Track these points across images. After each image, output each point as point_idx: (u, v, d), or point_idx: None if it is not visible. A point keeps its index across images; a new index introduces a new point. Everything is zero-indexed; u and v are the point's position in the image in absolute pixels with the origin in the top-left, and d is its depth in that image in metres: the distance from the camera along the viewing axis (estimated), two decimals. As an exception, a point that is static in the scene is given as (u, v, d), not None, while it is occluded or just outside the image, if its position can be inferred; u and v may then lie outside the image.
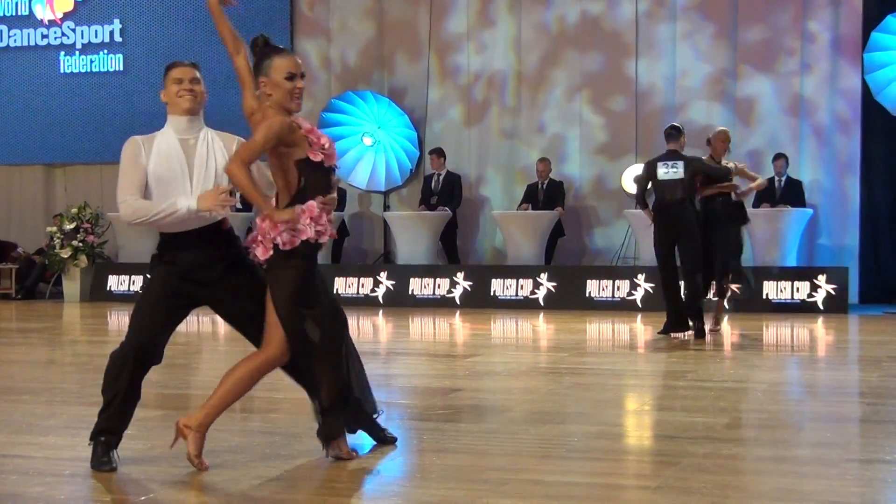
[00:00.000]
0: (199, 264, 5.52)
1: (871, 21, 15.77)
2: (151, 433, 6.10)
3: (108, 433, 5.32)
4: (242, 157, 5.24)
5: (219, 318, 5.74)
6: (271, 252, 5.28)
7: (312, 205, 5.22)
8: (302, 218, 5.21)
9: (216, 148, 5.61)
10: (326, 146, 5.28)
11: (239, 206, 17.93)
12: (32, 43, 20.03)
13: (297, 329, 5.25)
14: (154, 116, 20.60)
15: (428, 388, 8.04)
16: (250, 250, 5.43)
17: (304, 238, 5.22)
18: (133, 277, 17.36)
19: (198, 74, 5.71)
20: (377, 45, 18.45)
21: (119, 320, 14.54)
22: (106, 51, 19.65)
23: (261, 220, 5.38)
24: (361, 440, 5.77)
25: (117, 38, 19.60)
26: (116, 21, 19.57)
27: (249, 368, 5.31)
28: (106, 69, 19.65)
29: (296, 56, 5.47)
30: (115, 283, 17.48)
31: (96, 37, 19.70)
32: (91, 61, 19.72)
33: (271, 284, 5.29)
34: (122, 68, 19.55)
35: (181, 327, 13.37)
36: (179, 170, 5.50)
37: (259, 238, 5.36)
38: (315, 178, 5.26)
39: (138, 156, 5.56)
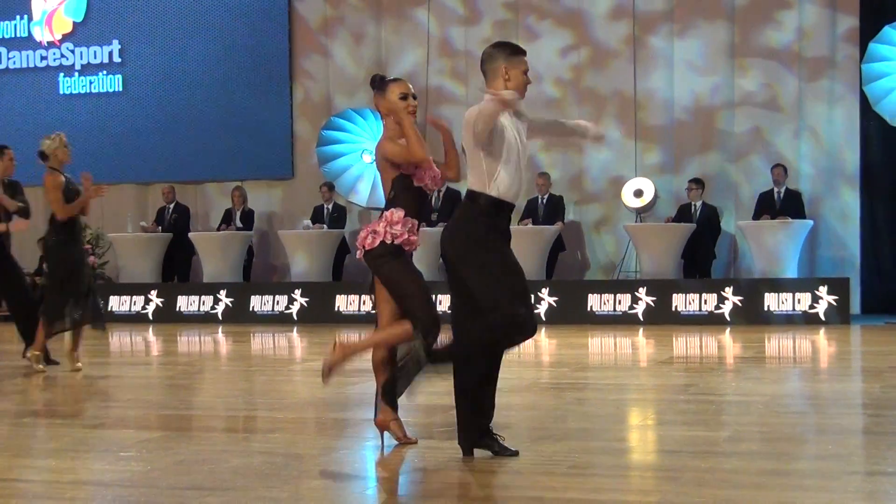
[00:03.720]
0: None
1: (867, 33, 15.80)
2: (152, 455, 6.09)
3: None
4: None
5: (221, 338, 5.74)
6: (362, 251, 6.23)
7: (391, 212, 6.11)
8: (381, 223, 6.13)
9: (521, 128, 5.94)
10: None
11: (240, 224, 17.98)
12: (32, 65, 20.06)
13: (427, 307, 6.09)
14: (154, 136, 20.69)
15: (429, 406, 8.01)
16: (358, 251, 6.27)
17: (381, 240, 6.14)
18: (134, 298, 17.34)
19: None
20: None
21: (120, 341, 14.54)
22: (105, 71, 19.68)
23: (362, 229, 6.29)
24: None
25: (116, 59, 19.63)
26: (115, 42, 19.60)
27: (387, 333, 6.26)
28: (105, 90, 19.67)
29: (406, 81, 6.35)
30: (117, 303, 17.47)
31: (95, 58, 19.73)
32: (90, 82, 19.75)
33: (381, 282, 6.25)
34: (121, 89, 19.58)
35: (183, 347, 13.37)
36: (521, 148, 5.88)
37: (358, 242, 6.27)
38: (405, 192, 6.14)
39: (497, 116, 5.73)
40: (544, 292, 15.50)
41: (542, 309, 15.43)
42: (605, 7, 17.42)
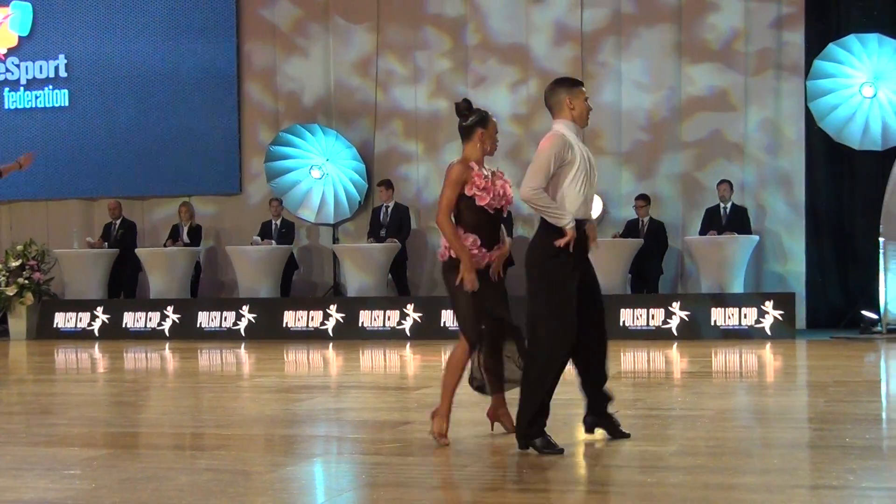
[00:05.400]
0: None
1: (813, 49, 15.99)
2: (97, 473, 6.04)
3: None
4: (443, 208, 6.64)
5: (168, 354, 5.71)
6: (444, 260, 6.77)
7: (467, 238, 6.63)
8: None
9: (590, 154, 6.58)
10: (481, 188, 6.59)
11: (187, 240, 17.82)
12: (-24, 79, 19.89)
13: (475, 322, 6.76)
14: (100, 151, 20.51)
15: (377, 422, 8.02)
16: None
17: (449, 255, 6.72)
18: (80, 314, 17.19)
19: None
20: (325, 90, 18.47)
21: (66, 358, 14.42)
22: (51, 86, 19.53)
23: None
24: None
25: (62, 74, 19.48)
26: (61, 56, 19.45)
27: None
28: (51, 105, 19.51)
29: None
30: (62, 320, 17.32)
31: (41, 72, 19.57)
32: (36, 97, 19.59)
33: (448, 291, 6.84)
34: (67, 104, 19.43)
35: (130, 364, 13.29)
36: (589, 167, 6.47)
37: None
38: (469, 211, 6.64)
39: (563, 151, 6.38)
40: (493, 308, 15.48)
41: (490, 324, 15.41)
42: (547, 35, 17.47)
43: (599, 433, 6.92)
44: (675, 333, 14.79)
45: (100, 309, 17.17)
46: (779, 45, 16.58)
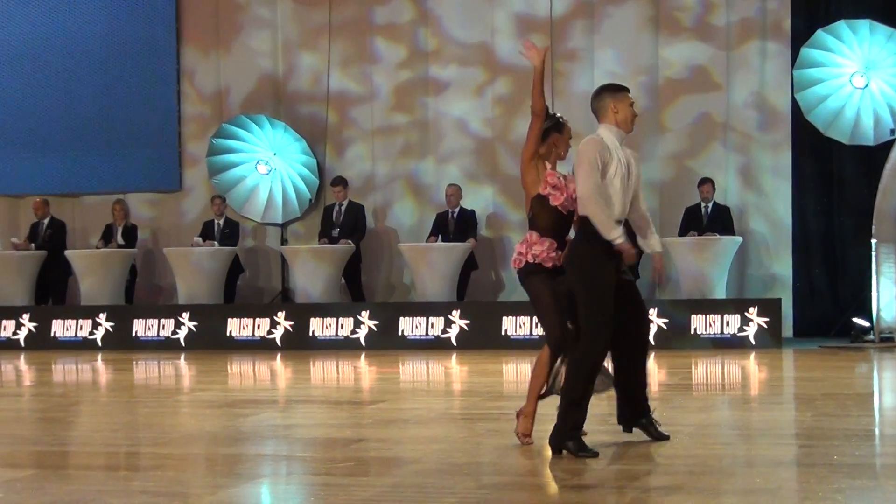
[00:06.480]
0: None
1: (800, 9, 16.10)
2: (20, 496, 5.99)
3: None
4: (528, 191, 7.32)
5: (101, 366, 5.67)
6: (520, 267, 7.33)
7: (531, 234, 7.28)
8: (523, 245, 7.29)
9: (631, 158, 7.14)
10: (554, 186, 7.19)
11: (121, 241, 17.69)
12: None
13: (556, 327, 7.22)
14: (26, 143, 20.27)
15: (329, 439, 8.01)
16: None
17: (525, 260, 7.26)
18: (4, 322, 17.03)
19: None
20: (273, 84, 18.42)
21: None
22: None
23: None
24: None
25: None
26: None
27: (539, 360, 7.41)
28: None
29: None
30: (-14, 328, 17.21)
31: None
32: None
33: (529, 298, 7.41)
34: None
35: (58, 377, 13.21)
36: (626, 174, 7.03)
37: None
38: (543, 211, 7.23)
39: (602, 152, 6.94)
40: (455, 314, 15.52)
41: (452, 333, 15.45)
42: (511, 28, 17.38)
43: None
44: (653, 342, 14.78)
45: (26, 316, 17.04)
46: (762, 12, 16.56)
